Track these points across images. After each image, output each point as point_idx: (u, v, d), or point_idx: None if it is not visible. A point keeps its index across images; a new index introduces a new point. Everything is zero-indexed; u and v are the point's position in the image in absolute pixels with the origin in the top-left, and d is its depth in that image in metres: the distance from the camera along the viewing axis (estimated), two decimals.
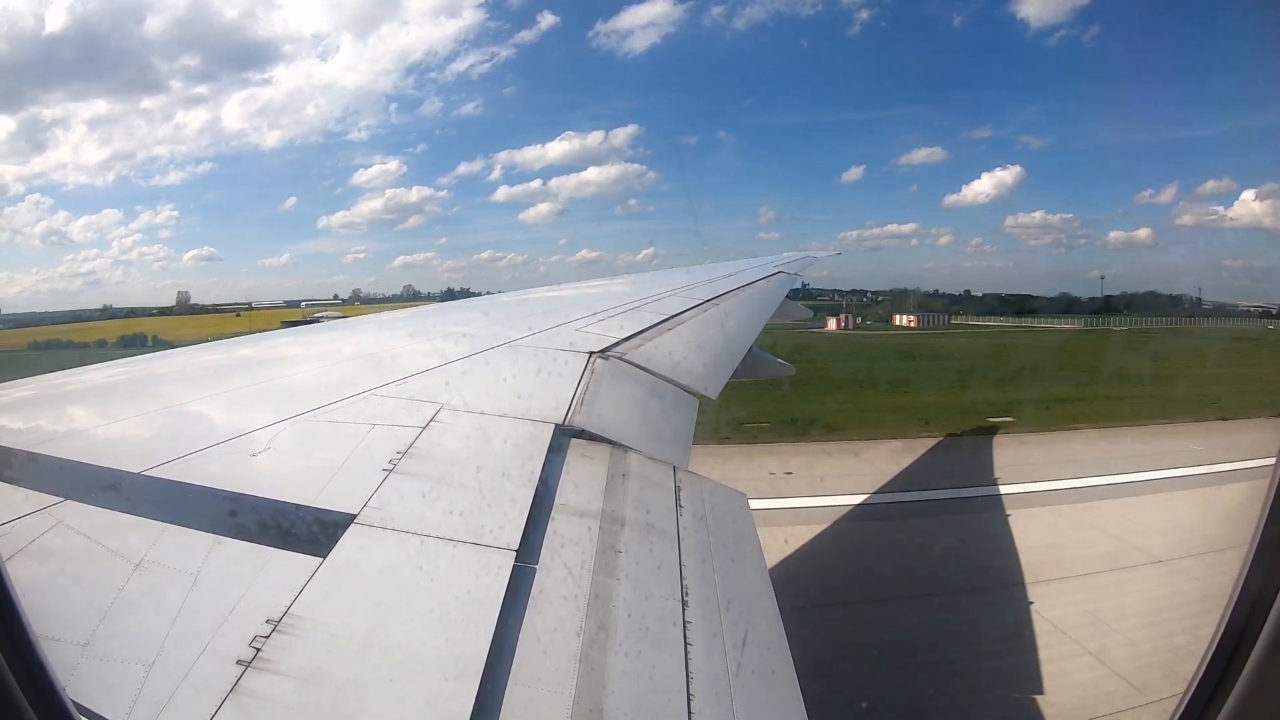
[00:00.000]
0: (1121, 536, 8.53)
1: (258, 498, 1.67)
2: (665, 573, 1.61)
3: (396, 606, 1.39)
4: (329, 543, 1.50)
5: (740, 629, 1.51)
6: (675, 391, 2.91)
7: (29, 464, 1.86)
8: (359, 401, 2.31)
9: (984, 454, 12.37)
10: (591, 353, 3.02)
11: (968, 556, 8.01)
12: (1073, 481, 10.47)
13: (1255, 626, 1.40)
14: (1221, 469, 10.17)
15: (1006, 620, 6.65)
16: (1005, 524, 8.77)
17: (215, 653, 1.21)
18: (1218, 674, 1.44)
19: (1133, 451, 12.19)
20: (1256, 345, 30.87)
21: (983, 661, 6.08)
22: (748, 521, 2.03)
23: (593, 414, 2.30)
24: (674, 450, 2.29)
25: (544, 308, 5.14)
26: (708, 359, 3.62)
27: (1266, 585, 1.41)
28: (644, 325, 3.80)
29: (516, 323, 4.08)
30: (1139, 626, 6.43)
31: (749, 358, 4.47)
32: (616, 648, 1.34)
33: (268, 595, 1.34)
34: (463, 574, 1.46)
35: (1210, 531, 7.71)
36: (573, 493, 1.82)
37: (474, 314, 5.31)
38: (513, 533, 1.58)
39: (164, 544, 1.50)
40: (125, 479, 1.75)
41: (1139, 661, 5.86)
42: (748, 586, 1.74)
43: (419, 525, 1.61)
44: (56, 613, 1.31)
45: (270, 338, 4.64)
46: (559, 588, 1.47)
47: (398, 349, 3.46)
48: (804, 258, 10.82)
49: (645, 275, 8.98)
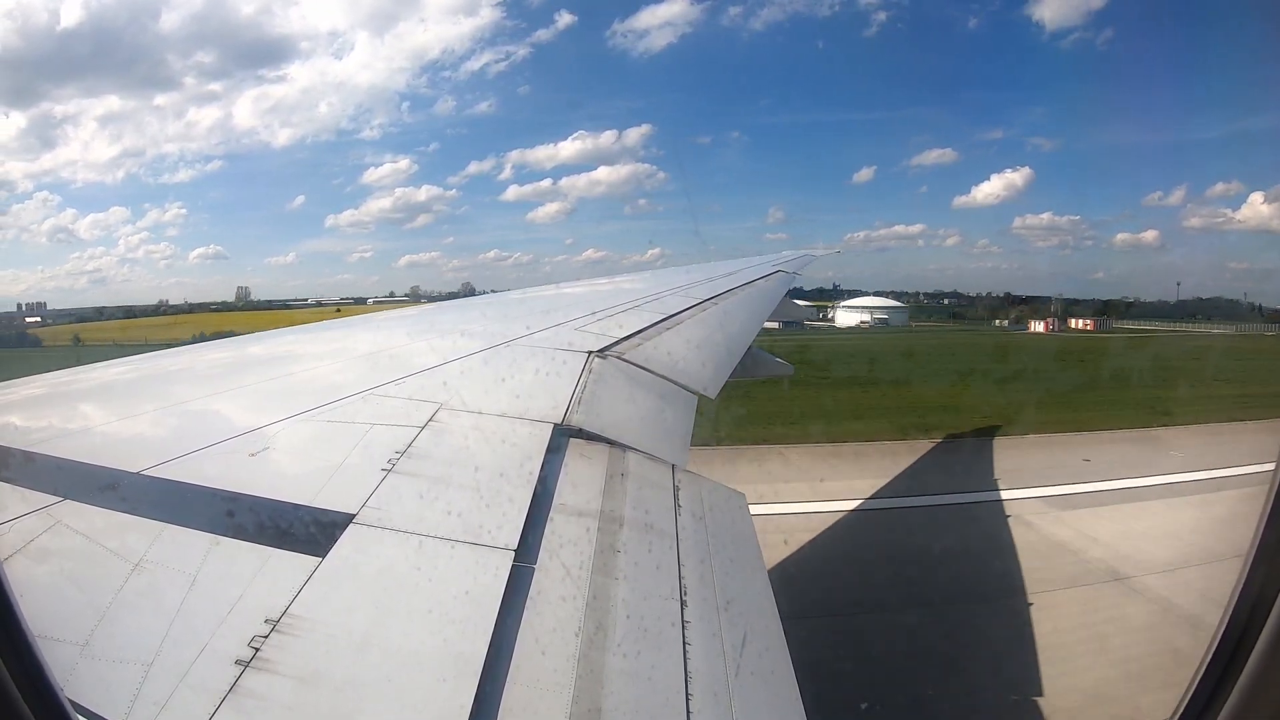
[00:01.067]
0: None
1: (256, 497, 1.67)
2: (664, 573, 1.61)
3: (395, 607, 1.39)
4: (328, 543, 1.50)
5: (739, 629, 1.51)
6: (674, 391, 2.91)
7: (27, 464, 1.86)
8: (357, 401, 2.31)
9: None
10: (590, 352, 3.02)
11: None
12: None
13: (1255, 627, 1.40)
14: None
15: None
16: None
17: (214, 653, 1.21)
18: (1217, 674, 1.44)
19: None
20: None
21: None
22: (746, 521, 2.03)
23: (591, 413, 2.30)
24: (673, 450, 2.29)
25: (543, 307, 5.13)
26: (707, 358, 3.62)
27: (1267, 586, 1.41)
28: (643, 324, 3.79)
29: (515, 322, 4.08)
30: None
31: (748, 357, 4.47)
32: (615, 648, 1.34)
33: (266, 595, 1.34)
34: (461, 574, 1.46)
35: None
36: (571, 493, 1.82)
37: (473, 313, 5.31)
38: (511, 533, 1.58)
39: (162, 544, 1.50)
40: (123, 479, 1.75)
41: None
42: (746, 586, 1.74)
43: (418, 525, 1.61)
44: (55, 613, 1.31)
45: (268, 337, 4.64)
46: (557, 588, 1.46)
47: (396, 348, 3.46)
48: (802, 256, 10.81)
49: (644, 274, 8.97)
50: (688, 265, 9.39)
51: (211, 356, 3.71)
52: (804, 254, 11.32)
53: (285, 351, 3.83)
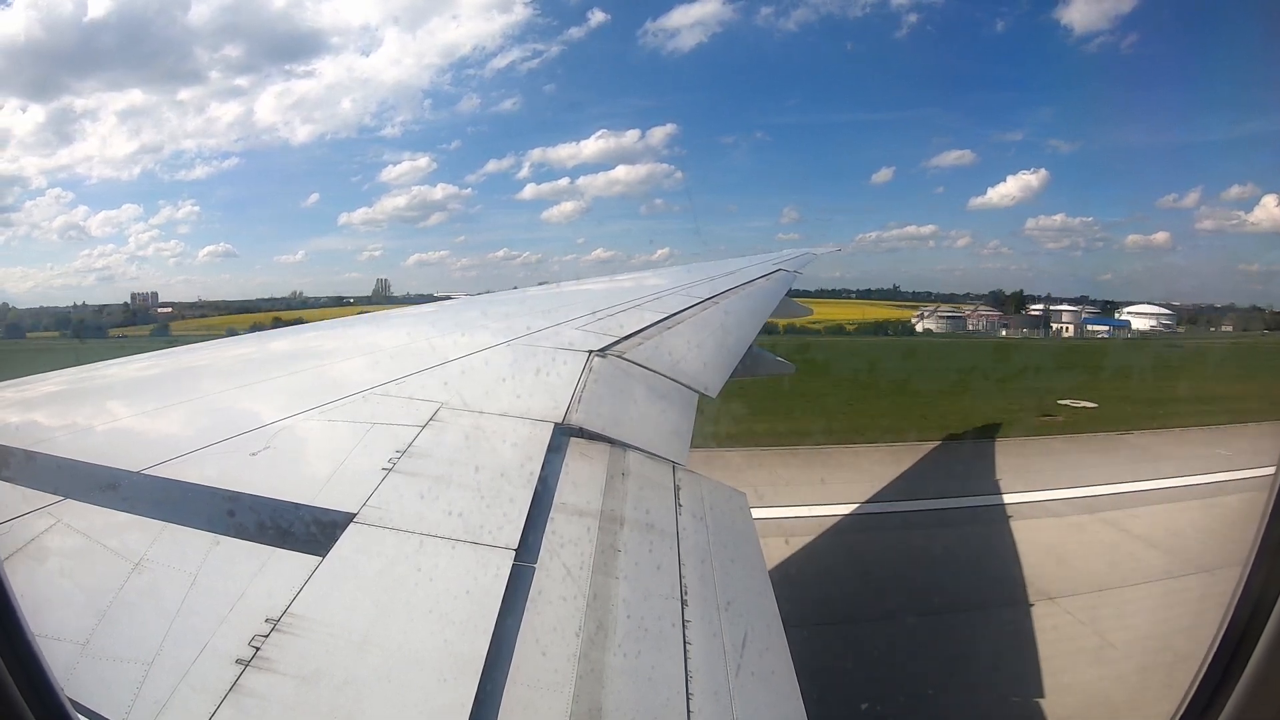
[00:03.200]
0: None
1: (257, 497, 1.67)
2: (664, 572, 1.61)
3: (395, 606, 1.39)
4: (328, 542, 1.50)
5: (740, 629, 1.51)
6: (675, 390, 2.91)
7: (27, 463, 1.86)
8: (358, 400, 2.30)
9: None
10: (591, 351, 3.02)
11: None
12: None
13: (1256, 627, 1.39)
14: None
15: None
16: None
17: (214, 652, 1.21)
18: (1218, 675, 1.44)
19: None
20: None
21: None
22: (747, 520, 2.02)
23: (592, 413, 2.30)
24: (674, 449, 2.28)
25: (544, 306, 5.13)
26: (708, 357, 3.62)
27: (1268, 586, 1.41)
28: (644, 323, 3.79)
29: (516, 321, 4.07)
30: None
31: (749, 356, 4.46)
32: (615, 648, 1.34)
33: (267, 594, 1.34)
34: (462, 573, 1.46)
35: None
36: (572, 492, 1.82)
37: (473, 312, 5.30)
38: (512, 532, 1.58)
39: (163, 543, 1.50)
40: (124, 478, 1.75)
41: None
42: (747, 586, 1.74)
43: (418, 525, 1.60)
44: (55, 612, 1.31)
45: (266, 337, 4.64)
46: (558, 587, 1.46)
47: (396, 347, 3.46)
48: (803, 255, 10.79)
49: (646, 273, 8.97)
50: (688, 264, 9.39)
51: (210, 356, 3.71)
52: (805, 252, 11.31)
53: (285, 350, 3.83)
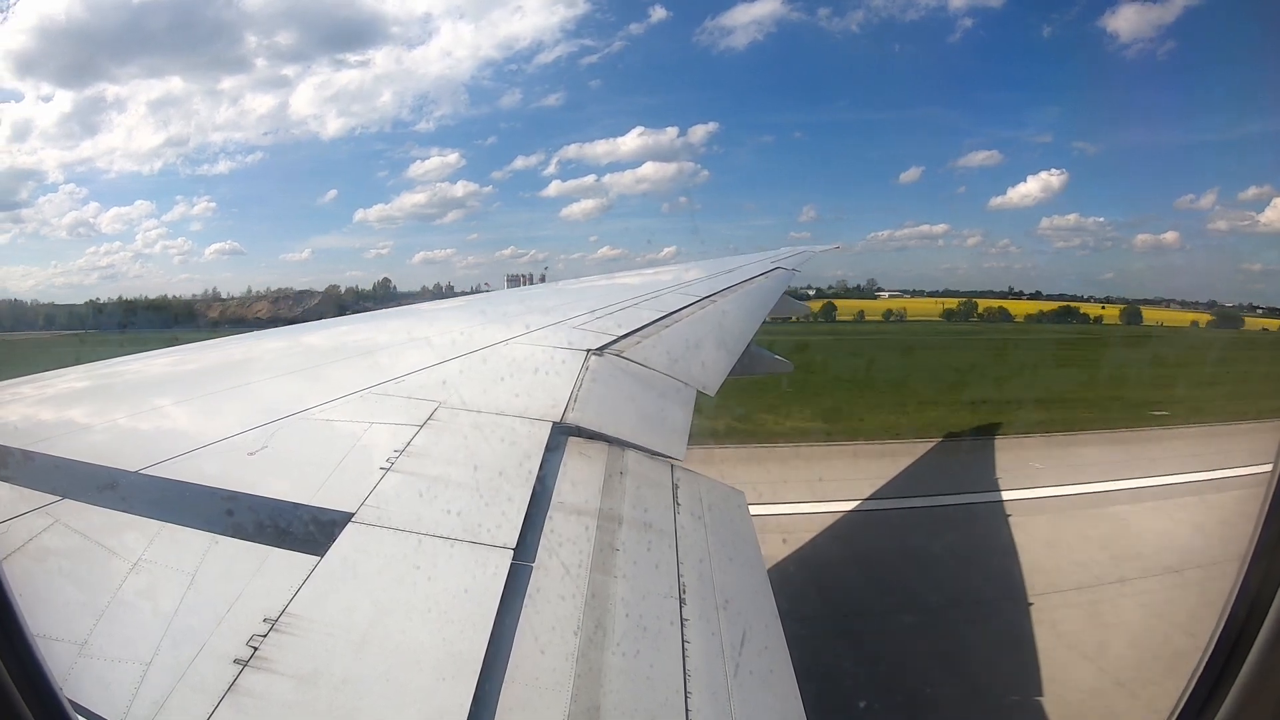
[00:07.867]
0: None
1: (255, 496, 1.67)
2: (663, 571, 1.61)
3: (394, 605, 1.39)
4: (326, 542, 1.50)
5: (738, 628, 1.51)
6: (673, 388, 2.91)
7: (26, 463, 1.86)
8: (356, 400, 2.30)
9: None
10: (589, 350, 3.02)
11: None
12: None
13: (1254, 625, 1.40)
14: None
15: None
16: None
17: (212, 652, 1.21)
18: (1216, 673, 1.44)
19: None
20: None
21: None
22: (745, 520, 2.03)
23: (590, 412, 2.30)
24: (672, 448, 2.28)
25: (542, 305, 5.13)
26: (706, 356, 3.62)
27: (1265, 584, 1.41)
28: (642, 322, 3.79)
29: (514, 320, 4.07)
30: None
31: (747, 354, 4.46)
32: (614, 646, 1.34)
33: (265, 594, 1.34)
34: (460, 573, 1.46)
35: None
36: (570, 491, 1.82)
37: (472, 312, 5.30)
38: (510, 531, 1.58)
39: (161, 543, 1.50)
40: (122, 478, 1.75)
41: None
42: (745, 585, 1.74)
43: (416, 524, 1.60)
44: (54, 612, 1.31)
45: (265, 336, 4.63)
46: (556, 586, 1.46)
47: (395, 347, 3.46)
48: (802, 253, 10.80)
49: (645, 271, 8.97)
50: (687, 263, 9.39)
51: (208, 356, 3.71)
52: (803, 250, 11.32)
53: (285, 350, 3.82)
